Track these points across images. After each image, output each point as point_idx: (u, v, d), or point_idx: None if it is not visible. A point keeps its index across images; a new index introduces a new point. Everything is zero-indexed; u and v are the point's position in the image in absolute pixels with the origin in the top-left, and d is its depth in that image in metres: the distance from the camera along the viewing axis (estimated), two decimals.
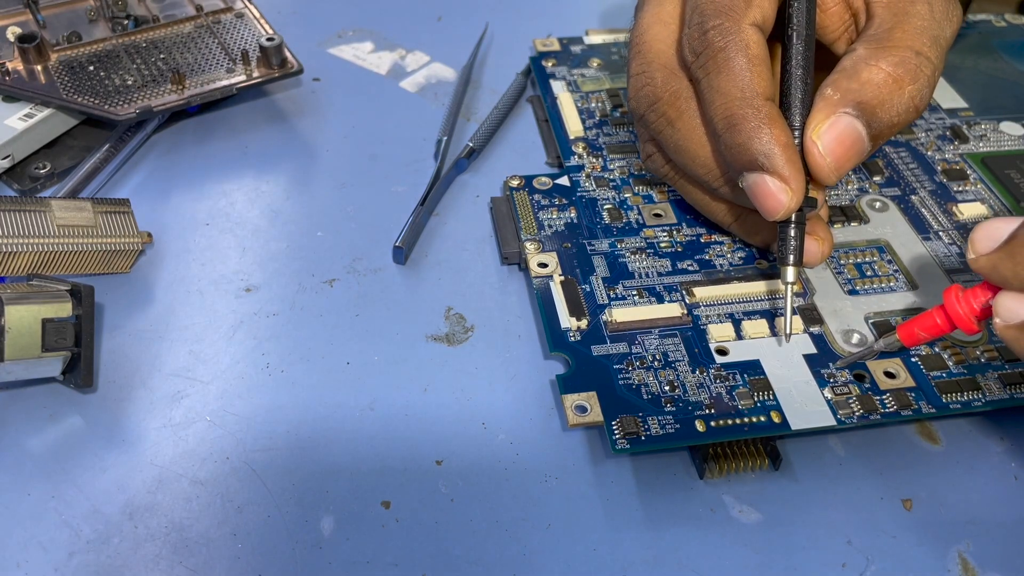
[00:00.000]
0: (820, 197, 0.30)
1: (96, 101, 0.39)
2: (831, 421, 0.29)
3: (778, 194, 0.28)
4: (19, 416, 0.30)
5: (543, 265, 0.34)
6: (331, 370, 0.32)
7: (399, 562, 0.27)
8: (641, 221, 0.36)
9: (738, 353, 0.31)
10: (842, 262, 0.34)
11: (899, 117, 0.29)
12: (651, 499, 0.28)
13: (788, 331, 0.30)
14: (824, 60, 0.32)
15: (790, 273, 0.30)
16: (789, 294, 0.30)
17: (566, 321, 0.32)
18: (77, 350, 0.30)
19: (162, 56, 0.41)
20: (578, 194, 0.37)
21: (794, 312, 0.31)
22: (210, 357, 0.32)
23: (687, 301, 0.33)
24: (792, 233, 0.30)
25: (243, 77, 0.41)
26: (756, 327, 0.32)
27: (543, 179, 0.38)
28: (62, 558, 0.26)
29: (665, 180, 0.35)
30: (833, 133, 0.29)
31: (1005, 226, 0.24)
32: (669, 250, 0.35)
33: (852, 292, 0.33)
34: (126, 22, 0.42)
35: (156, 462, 0.29)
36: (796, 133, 0.29)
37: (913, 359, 0.31)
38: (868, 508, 0.28)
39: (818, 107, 0.29)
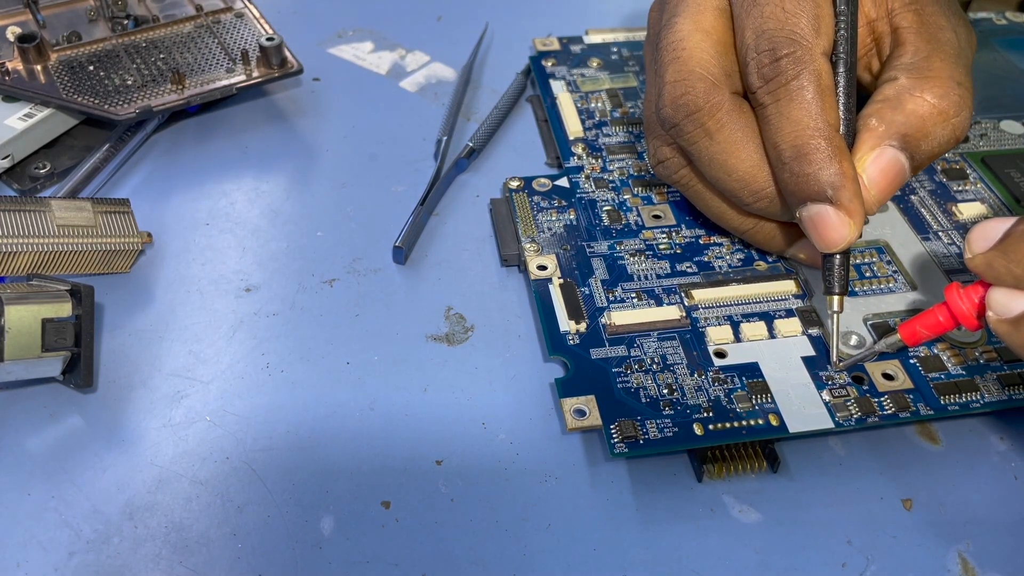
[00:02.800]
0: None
1: (96, 101, 0.39)
2: (829, 424, 0.29)
3: (840, 227, 0.29)
4: (19, 416, 0.30)
5: (542, 267, 0.34)
6: (331, 370, 0.32)
7: (399, 562, 0.27)
8: (640, 223, 0.36)
9: (737, 356, 0.31)
10: None
11: (941, 148, 0.29)
12: (651, 499, 0.28)
13: (835, 357, 0.30)
14: None
15: (835, 303, 0.30)
16: (836, 322, 0.30)
17: (565, 324, 0.32)
18: (77, 350, 0.30)
19: (162, 56, 0.41)
20: (577, 195, 0.37)
21: (841, 338, 0.31)
22: (210, 357, 0.32)
23: (686, 303, 0.33)
24: (838, 262, 0.30)
25: (243, 77, 0.41)
26: (755, 329, 0.32)
27: (542, 180, 0.38)
28: (62, 558, 0.26)
29: (675, 186, 0.34)
30: (878, 165, 0.29)
31: (1000, 226, 0.25)
32: (668, 252, 0.35)
33: (851, 293, 0.33)
34: (126, 22, 0.42)
35: (156, 462, 0.29)
36: None
37: (912, 360, 0.31)
38: (868, 508, 0.28)
39: (863, 138, 0.29)
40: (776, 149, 0.29)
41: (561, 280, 0.33)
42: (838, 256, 0.30)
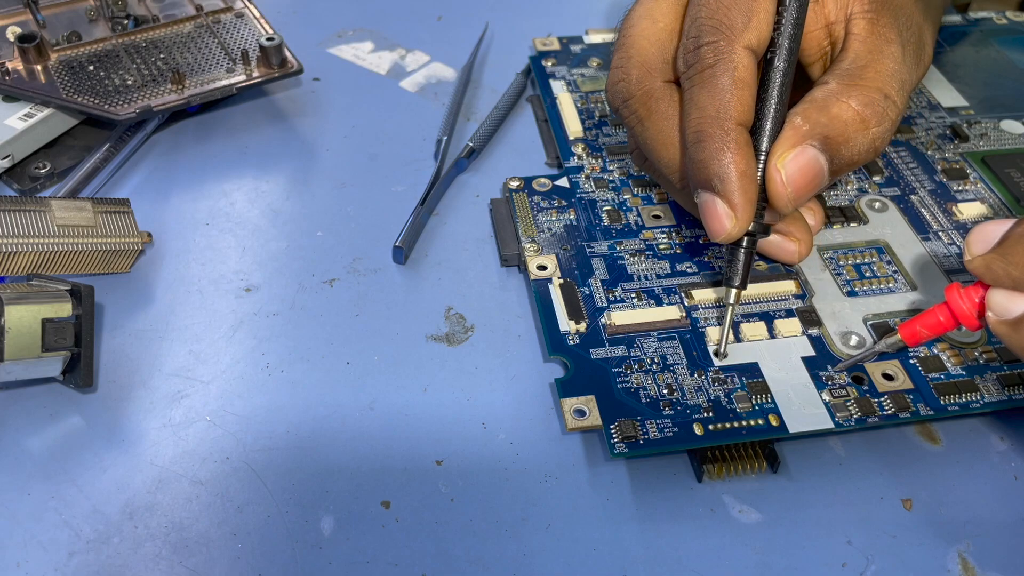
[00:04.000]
0: (813, 221, 0.31)
1: (96, 101, 0.39)
2: (829, 424, 0.29)
3: (723, 218, 0.29)
4: (19, 416, 0.30)
5: (542, 267, 0.34)
6: (331, 370, 0.32)
7: (399, 562, 0.27)
8: (640, 223, 0.36)
9: (736, 356, 0.31)
10: (841, 263, 0.34)
11: (858, 156, 0.30)
12: (651, 499, 0.28)
13: (724, 349, 0.31)
14: (795, 79, 0.32)
15: (731, 295, 0.31)
16: (729, 314, 0.31)
17: (565, 324, 0.32)
18: (77, 350, 0.30)
19: (162, 56, 0.41)
20: (577, 195, 0.37)
21: (732, 329, 0.32)
22: (210, 357, 0.32)
23: (686, 304, 0.33)
24: (740, 257, 0.30)
25: (243, 77, 0.41)
26: (754, 330, 0.32)
27: (542, 181, 0.38)
28: (62, 558, 0.26)
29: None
30: (797, 164, 0.29)
31: (999, 228, 0.26)
32: (668, 252, 0.35)
33: (851, 294, 0.33)
34: (126, 22, 0.42)
35: (156, 462, 0.29)
36: (761, 157, 0.29)
37: (912, 361, 0.31)
38: (868, 508, 0.28)
39: (786, 135, 0.29)
40: (683, 133, 0.30)
41: (561, 280, 0.33)
42: (741, 251, 0.30)
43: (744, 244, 0.30)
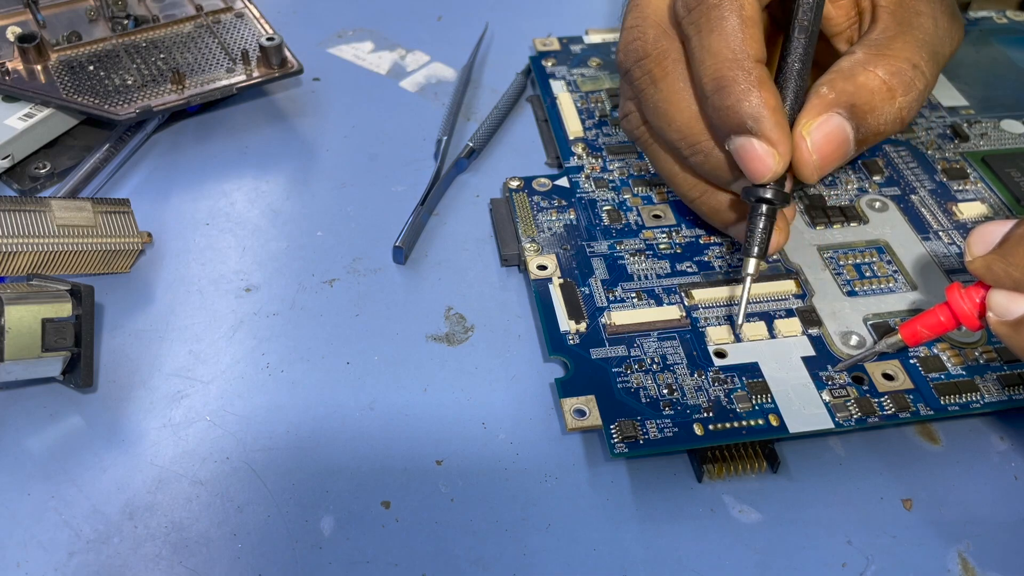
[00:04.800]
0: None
1: (96, 101, 0.39)
2: (829, 424, 0.29)
3: (765, 157, 0.28)
4: (19, 416, 0.30)
5: (542, 267, 0.34)
6: (331, 370, 0.32)
7: (399, 562, 0.27)
8: (640, 222, 0.36)
9: (737, 356, 0.31)
10: (841, 263, 0.34)
11: (885, 126, 0.29)
12: (651, 499, 0.28)
13: (741, 322, 0.30)
14: (822, 53, 0.32)
15: (751, 265, 0.30)
16: (747, 285, 0.30)
17: (565, 324, 0.32)
18: (77, 350, 0.30)
19: (162, 56, 0.41)
20: (577, 195, 0.37)
21: (733, 325, 0.32)
22: (210, 357, 0.32)
23: (686, 303, 0.33)
24: (761, 225, 0.30)
25: (243, 77, 0.41)
26: (754, 329, 0.32)
27: (542, 180, 0.38)
28: (62, 558, 0.26)
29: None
30: (823, 131, 0.29)
31: (999, 228, 0.26)
32: (668, 252, 0.35)
33: (851, 293, 0.33)
34: (126, 22, 0.42)
35: (156, 462, 0.29)
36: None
37: (912, 361, 0.31)
38: (868, 508, 0.28)
39: (812, 103, 0.29)
40: (699, 83, 0.29)
41: (561, 280, 0.33)
42: (762, 219, 0.30)
43: (764, 212, 0.30)
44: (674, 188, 0.34)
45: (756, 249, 0.30)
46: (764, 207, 0.30)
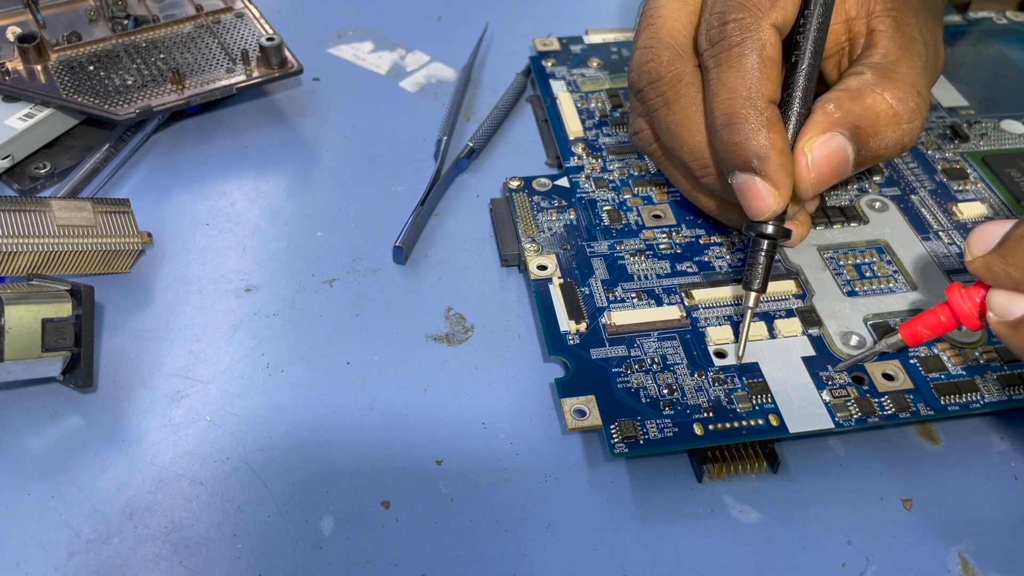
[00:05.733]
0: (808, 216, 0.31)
1: (96, 101, 0.39)
2: (829, 424, 0.29)
3: (766, 197, 0.29)
4: (19, 416, 0.30)
5: (542, 267, 0.34)
6: (331, 370, 0.32)
7: (399, 562, 0.27)
8: (640, 223, 0.36)
9: (737, 356, 0.31)
10: (841, 263, 0.34)
11: (886, 151, 0.30)
12: (651, 498, 0.28)
13: (741, 354, 0.31)
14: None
15: (751, 299, 0.30)
16: (748, 318, 0.31)
17: (565, 324, 0.32)
18: (77, 350, 0.30)
19: (162, 56, 0.41)
20: (577, 195, 0.37)
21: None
22: (210, 357, 0.32)
23: (686, 304, 0.33)
24: (761, 260, 0.30)
25: (243, 77, 0.41)
26: (754, 330, 0.32)
27: (543, 180, 0.38)
28: (62, 558, 0.26)
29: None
30: (825, 150, 0.29)
31: (999, 228, 0.26)
32: (668, 252, 0.35)
33: (851, 294, 0.33)
34: (126, 22, 0.42)
35: (156, 462, 0.29)
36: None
37: (912, 361, 0.31)
38: (868, 508, 0.28)
39: (816, 119, 0.29)
40: (711, 115, 0.30)
41: (561, 280, 0.33)
42: (763, 255, 0.30)
43: (764, 247, 0.30)
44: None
45: (756, 283, 0.30)
46: (765, 243, 0.30)
